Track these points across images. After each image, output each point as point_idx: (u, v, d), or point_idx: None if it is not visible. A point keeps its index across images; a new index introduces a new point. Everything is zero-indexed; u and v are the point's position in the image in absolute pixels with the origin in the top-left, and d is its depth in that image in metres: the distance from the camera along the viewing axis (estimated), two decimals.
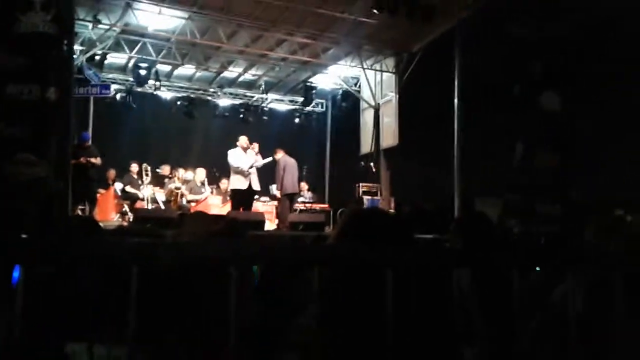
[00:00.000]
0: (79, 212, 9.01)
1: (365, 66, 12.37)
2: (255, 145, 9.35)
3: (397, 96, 11.93)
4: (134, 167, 11.24)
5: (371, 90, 12.65)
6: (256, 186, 9.40)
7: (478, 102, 9.78)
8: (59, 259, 0.76)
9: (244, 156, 9.28)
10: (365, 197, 11.78)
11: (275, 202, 10.87)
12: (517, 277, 1.06)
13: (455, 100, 10.11)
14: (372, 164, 12.27)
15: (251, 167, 9.25)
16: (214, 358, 1.07)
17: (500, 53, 8.34)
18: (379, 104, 12.59)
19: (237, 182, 9.24)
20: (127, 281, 0.74)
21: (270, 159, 9.72)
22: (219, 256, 0.78)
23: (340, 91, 13.96)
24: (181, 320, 1.05)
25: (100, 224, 2.57)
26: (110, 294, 0.95)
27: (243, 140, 9.40)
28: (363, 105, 13.15)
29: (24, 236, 0.77)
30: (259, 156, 9.37)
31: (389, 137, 12.05)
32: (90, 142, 9.93)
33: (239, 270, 0.83)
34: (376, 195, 11.93)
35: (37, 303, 1.33)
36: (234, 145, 9.45)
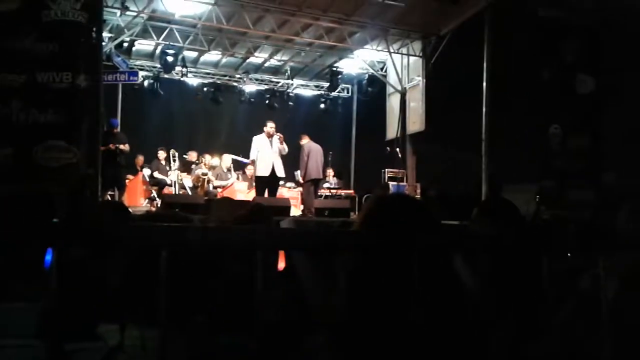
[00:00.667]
0: (109, 198, 9.19)
1: (392, 50, 12.24)
2: (280, 135, 9.25)
3: (424, 80, 11.78)
4: (162, 154, 11.39)
5: (398, 75, 12.52)
6: (280, 173, 9.37)
7: (507, 86, 9.59)
8: (92, 242, 0.78)
9: (268, 143, 9.26)
10: (391, 183, 11.72)
11: (300, 188, 10.89)
12: (547, 263, 1.04)
13: (484, 84, 9.93)
14: (398, 149, 12.17)
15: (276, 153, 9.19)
16: (241, 339, 1.09)
17: (531, 35, 8.14)
18: (405, 88, 12.46)
19: (260, 169, 9.22)
20: (157, 264, 0.75)
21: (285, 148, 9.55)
22: (246, 241, 0.78)
23: (366, 76, 13.85)
24: (209, 302, 1.07)
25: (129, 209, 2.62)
26: (141, 276, 0.96)
27: (269, 126, 9.37)
28: (389, 89, 13.03)
29: (56, 220, 0.79)
30: (284, 145, 9.28)
31: (416, 122, 11.94)
32: (118, 129, 10.08)
33: (266, 255, 0.83)
34: (402, 181, 11.86)
35: (70, 285, 1.37)
36: (259, 131, 9.45)
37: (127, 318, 1.02)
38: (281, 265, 2.31)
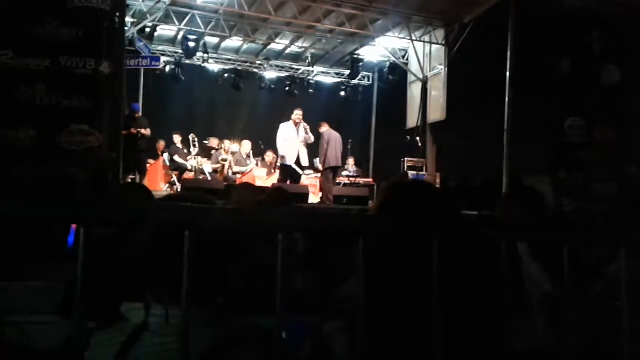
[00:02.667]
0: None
1: (414, 38, 12.11)
2: (306, 125, 9.20)
3: (447, 69, 11.65)
4: (177, 137, 11.47)
5: (419, 63, 12.40)
6: (305, 162, 9.36)
7: (530, 75, 9.44)
8: (115, 220, 0.79)
9: (295, 131, 9.23)
10: (411, 172, 11.66)
11: (319, 175, 10.90)
12: (567, 253, 1.03)
13: (507, 74, 9.78)
14: (418, 138, 12.10)
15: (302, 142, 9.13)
16: (262, 322, 1.10)
17: (555, 25, 7.98)
18: (427, 77, 12.34)
19: (286, 158, 9.21)
20: (180, 245, 0.76)
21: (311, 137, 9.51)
22: (268, 223, 0.79)
23: (388, 64, 13.73)
24: (229, 284, 1.08)
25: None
26: (164, 256, 0.98)
27: (296, 114, 9.30)
28: (411, 78, 12.91)
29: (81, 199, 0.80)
30: (310, 135, 9.24)
31: (437, 111, 11.83)
32: (140, 113, 10.17)
33: (287, 238, 0.83)
34: (422, 170, 11.79)
35: (93, 264, 1.39)
36: (279, 117, 9.44)
37: (151, 298, 1.03)
38: (301, 249, 2.33)
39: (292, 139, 9.13)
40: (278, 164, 10.05)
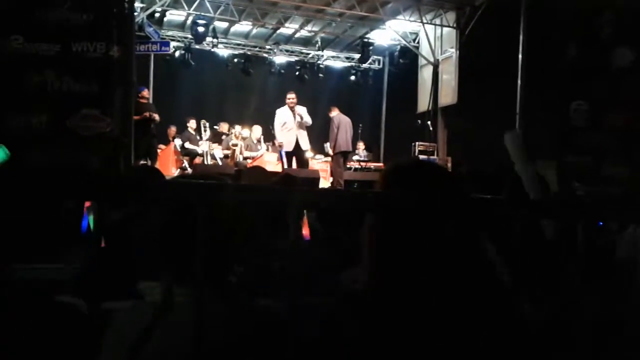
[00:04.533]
0: None
1: (424, 21, 11.98)
2: (302, 109, 9.13)
3: (458, 52, 11.53)
4: (193, 124, 11.49)
5: (430, 46, 12.27)
6: (305, 145, 9.33)
7: (542, 60, 9.32)
8: (129, 198, 0.79)
9: (291, 115, 9.14)
10: (422, 157, 11.61)
11: (329, 160, 10.89)
12: (582, 232, 1.03)
13: (520, 57, 9.67)
14: (429, 122, 12.02)
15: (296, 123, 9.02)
16: (272, 303, 1.11)
17: (566, 6, 7.85)
18: (438, 60, 12.22)
19: (284, 144, 9.19)
20: (193, 223, 0.76)
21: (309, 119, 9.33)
22: (281, 200, 0.79)
23: (398, 47, 13.61)
24: (241, 263, 1.09)
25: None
26: (177, 234, 0.98)
27: (289, 98, 9.19)
28: (421, 61, 12.79)
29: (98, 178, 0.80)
30: (307, 117, 9.15)
31: (448, 95, 11.73)
32: (150, 100, 10.17)
33: (294, 219, 0.84)
34: (433, 154, 11.73)
35: (109, 245, 1.41)
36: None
37: (165, 276, 1.04)
38: (305, 232, 2.33)
39: (289, 123, 9.09)
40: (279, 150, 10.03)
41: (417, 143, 11.82)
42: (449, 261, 1.08)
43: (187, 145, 11.26)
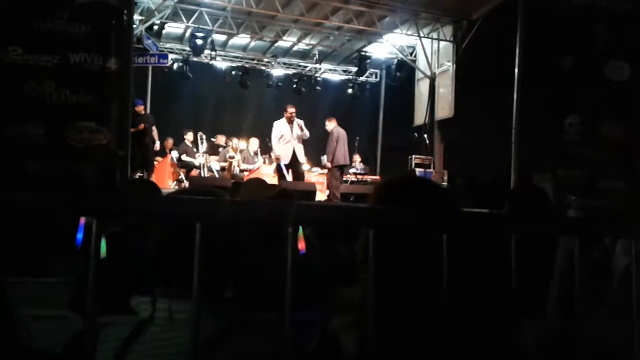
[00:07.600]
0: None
1: (422, 35, 12.06)
2: (300, 122, 9.15)
3: (454, 66, 11.60)
4: (190, 136, 11.49)
5: (427, 60, 12.35)
6: (301, 158, 9.33)
7: (537, 73, 9.38)
8: (126, 213, 0.79)
9: (288, 128, 9.16)
10: (418, 170, 11.63)
11: (325, 172, 10.88)
12: (578, 248, 1.02)
13: (516, 70, 9.72)
14: (425, 135, 12.05)
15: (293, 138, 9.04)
16: (269, 317, 1.10)
17: (561, 20, 7.92)
18: (434, 73, 12.29)
19: (280, 158, 9.19)
20: (189, 238, 0.76)
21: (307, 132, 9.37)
22: (277, 216, 0.79)
23: (395, 61, 13.69)
24: (238, 278, 1.08)
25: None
26: (173, 250, 0.98)
27: (289, 111, 9.20)
28: (418, 75, 12.87)
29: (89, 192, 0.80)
30: (305, 131, 9.18)
31: (444, 109, 11.78)
32: (148, 111, 10.19)
33: (294, 232, 0.83)
34: (429, 167, 11.76)
35: (104, 259, 1.40)
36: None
37: (158, 291, 1.03)
38: (301, 246, 2.32)
39: (286, 136, 9.10)
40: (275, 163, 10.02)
41: (413, 156, 11.85)
42: (446, 276, 1.07)
43: (184, 157, 11.26)
